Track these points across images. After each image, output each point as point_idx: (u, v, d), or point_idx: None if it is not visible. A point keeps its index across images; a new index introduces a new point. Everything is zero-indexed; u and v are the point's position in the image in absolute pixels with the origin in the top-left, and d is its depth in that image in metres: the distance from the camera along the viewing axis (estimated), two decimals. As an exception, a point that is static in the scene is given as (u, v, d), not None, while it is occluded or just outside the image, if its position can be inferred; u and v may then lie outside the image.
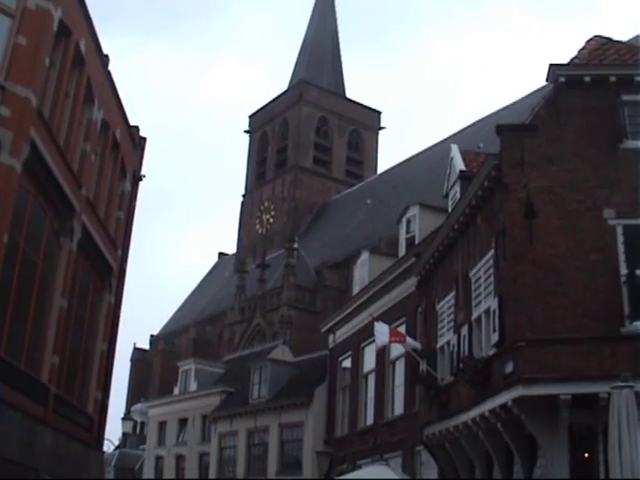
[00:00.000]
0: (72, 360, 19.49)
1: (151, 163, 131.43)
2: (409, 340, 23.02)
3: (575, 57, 19.17)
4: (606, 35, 20.20)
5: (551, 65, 18.24)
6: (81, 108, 18.86)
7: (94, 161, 20.41)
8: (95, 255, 20.95)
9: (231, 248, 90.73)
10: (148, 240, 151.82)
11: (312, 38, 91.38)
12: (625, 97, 17.74)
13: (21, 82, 14.75)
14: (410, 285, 26.80)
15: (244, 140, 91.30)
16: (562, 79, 18.13)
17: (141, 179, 25.73)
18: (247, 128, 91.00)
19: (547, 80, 18.61)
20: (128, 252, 24.76)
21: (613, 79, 17.92)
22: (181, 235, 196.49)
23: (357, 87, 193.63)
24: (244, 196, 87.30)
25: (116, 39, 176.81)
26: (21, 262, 15.34)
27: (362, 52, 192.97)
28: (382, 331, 22.57)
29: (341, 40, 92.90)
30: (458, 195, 22.31)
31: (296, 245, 64.19)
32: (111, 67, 21.16)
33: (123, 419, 43.73)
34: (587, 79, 18.02)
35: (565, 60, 18.99)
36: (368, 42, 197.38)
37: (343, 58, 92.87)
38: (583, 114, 18.01)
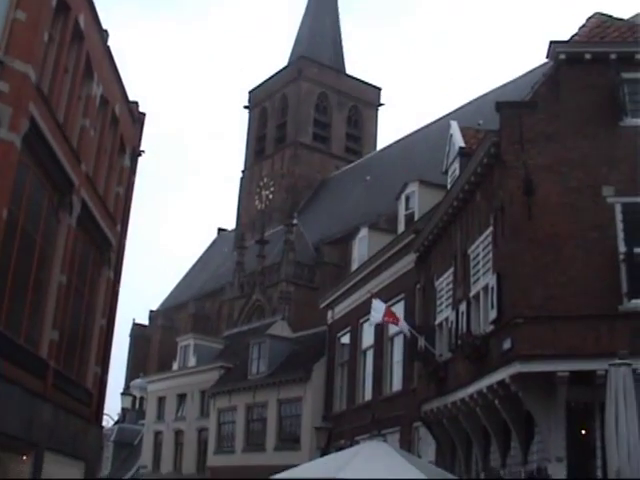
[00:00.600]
0: (71, 335, 19.55)
1: (149, 137, 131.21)
2: (402, 323, 22.97)
3: (575, 34, 19.13)
4: (607, 12, 20.16)
5: (551, 42, 18.16)
6: (80, 83, 18.82)
7: (93, 136, 20.38)
8: (94, 230, 20.96)
9: (230, 224, 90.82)
10: (148, 215, 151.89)
11: (312, 14, 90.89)
12: (625, 75, 17.63)
13: (20, 57, 14.71)
14: (409, 261, 26.83)
15: (244, 116, 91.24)
16: (562, 56, 18.04)
17: (140, 154, 25.71)
18: (247, 104, 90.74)
19: (547, 57, 18.54)
20: (127, 227, 24.78)
21: (613, 57, 17.81)
22: (180, 211, 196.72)
23: (357, 63, 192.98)
24: (243, 172, 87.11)
25: (113, 9, 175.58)
26: (20, 237, 15.35)
27: (361, 28, 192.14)
28: (378, 309, 22.56)
29: (341, 15, 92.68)
30: (457, 172, 22.29)
31: (295, 221, 64.17)
32: (109, 41, 21.13)
33: (122, 394, 43.97)
34: (587, 56, 17.93)
35: (566, 37, 18.98)
36: (367, 17, 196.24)
37: (343, 34, 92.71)
38: (583, 91, 17.93)
